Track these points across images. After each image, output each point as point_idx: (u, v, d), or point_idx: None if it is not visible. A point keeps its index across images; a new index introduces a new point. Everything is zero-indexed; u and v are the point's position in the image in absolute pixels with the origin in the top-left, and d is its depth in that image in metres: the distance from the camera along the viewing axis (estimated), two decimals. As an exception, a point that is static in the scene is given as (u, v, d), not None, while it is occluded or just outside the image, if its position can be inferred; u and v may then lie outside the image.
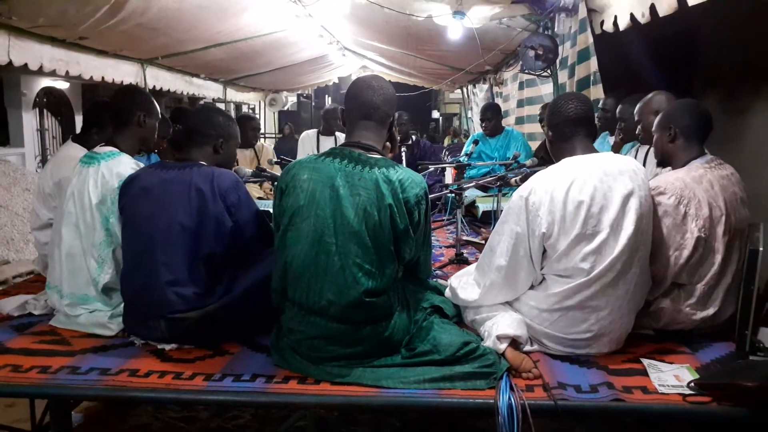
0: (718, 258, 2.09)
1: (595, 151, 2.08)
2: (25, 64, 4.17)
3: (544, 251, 1.98)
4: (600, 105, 3.67)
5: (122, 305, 2.21)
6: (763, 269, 1.91)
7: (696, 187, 2.11)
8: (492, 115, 5.18)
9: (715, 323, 2.14)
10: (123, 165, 2.33)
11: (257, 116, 9.66)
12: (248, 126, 4.92)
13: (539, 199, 1.93)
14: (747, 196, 2.21)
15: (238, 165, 4.34)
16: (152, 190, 2.15)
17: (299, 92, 13.12)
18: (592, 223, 1.90)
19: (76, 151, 2.92)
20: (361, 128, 1.98)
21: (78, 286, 2.28)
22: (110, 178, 2.29)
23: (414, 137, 5.81)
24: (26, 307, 2.45)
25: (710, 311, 2.10)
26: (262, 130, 13.36)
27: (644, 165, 2.80)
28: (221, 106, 9.11)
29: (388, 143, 2.06)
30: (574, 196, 1.91)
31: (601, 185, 1.92)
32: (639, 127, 2.77)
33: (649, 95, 2.75)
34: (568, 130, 2.08)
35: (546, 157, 2.52)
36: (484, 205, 4.32)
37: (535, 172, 2.14)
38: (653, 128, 2.35)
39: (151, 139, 2.57)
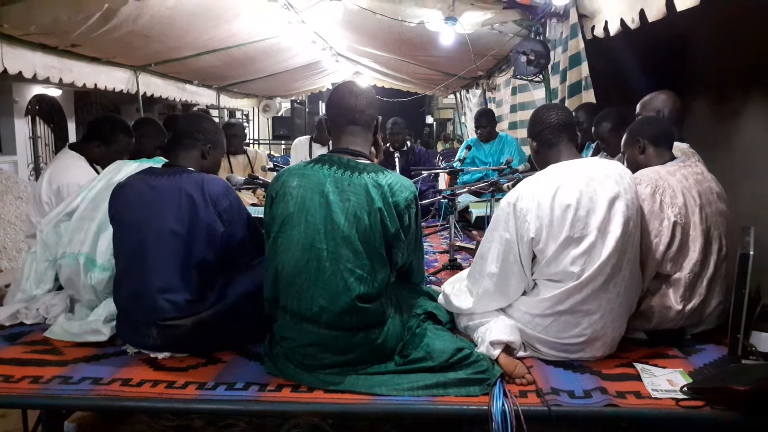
0: (698, 246, 2.15)
1: (579, 156, 2.12)
2: (20, 72, 4.16)
3: (534, 257, 1.99)
4: None
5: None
6: (754, 272, 1.92)
7: (670, 178, 2.20)
8: (487, 122, 5.19)
9: (702, 317, 2.17)
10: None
11: (241, 122, 9.61)
12: (229, 132, 4.89)
13: (526, 204, 1.95)
14: (723, 193, 2.28)
15: (231, 172, 4.34)
16: (141, 197, 2.14)
17: (293, 98, 13.10)
18: (580, 226, 1.92)
19: (74, 159, 2.93)
20: (348, 134, 1.99)
21: (94, 248, 2.34)
22: None
23: (409, 143, 5.78)
24: (18, 316, 2.44)
25: (696, 301, 2.14)
26: (255, 137, 13.36)
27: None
28: (215, 112, 9.13)
29: (372, 149, 2.06)
30: (560, 200, 1.93)
31: (587, 189, 1.95)
32: None
33: (652, 94, 2.78)
34: (551, 136, 2.12)
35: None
36: (477, 211, 4.33)
37: (527, 177, 2.16)
38: (622, 149, 2.45)
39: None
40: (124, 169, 2.51)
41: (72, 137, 9.15)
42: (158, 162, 2.51)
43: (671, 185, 2.17)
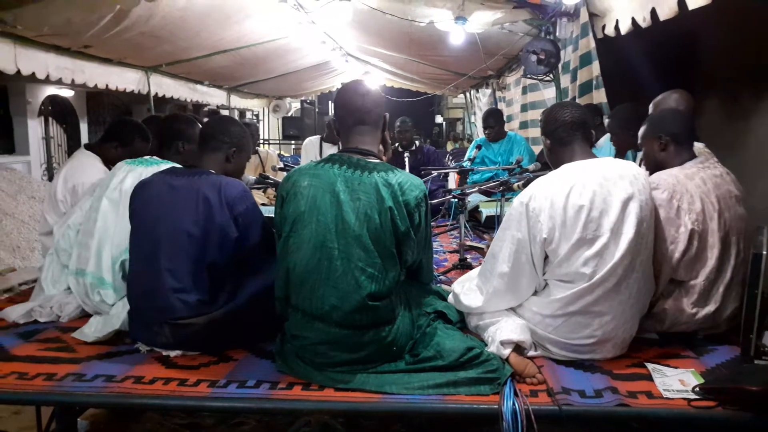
0: (715, 253, 2.11)
1: (593, 156, 2.09)
2: (33, 73, 4.21)
3: (546, 257, 1.98)
4: None
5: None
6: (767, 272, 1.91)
7: (688, 182, 2.14)
8: (494, 122, 5.18)
9: (716, 322, 2.14)
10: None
11: (256, 123, 9.69)
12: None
13: (539, 204, 1.94)
14: (743, 195, 2.23)
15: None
16: (161, 196, 2.16)
17: (303, 98, 13.15)
18: (593, 228, 1.91)
19: (90, 158, 2.97)
20: (357, 134, 2.00)
21: (100, 267, 2.36)
22: None
23: (417, 143, 5.79)
24: (32, 314, 2.46)
25: (711, 308, 2.11)
26: (265, 137, 13.42)
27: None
28: (225, 112, 9.17)
29: (381, 147, 2.07)
30: (574, 200, 1.92)
31: (600, 189, 1.93)
32: None
33: (665, 94, 2.75)
34: (566, 135, 2.10)
35: (549, 161, 2.55)
36: (487, 210, 4.32)
37: (537, 176, 2.14)
38: (640, 140, 2.37)
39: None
40: (119, 174, 2.50)
41: (84, 137, 9.23)
42: (148, 164, 2.50)
43: (689, 190, 2.12)
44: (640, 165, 2.95)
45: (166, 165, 2.42)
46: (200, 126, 2.60)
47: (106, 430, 2.78)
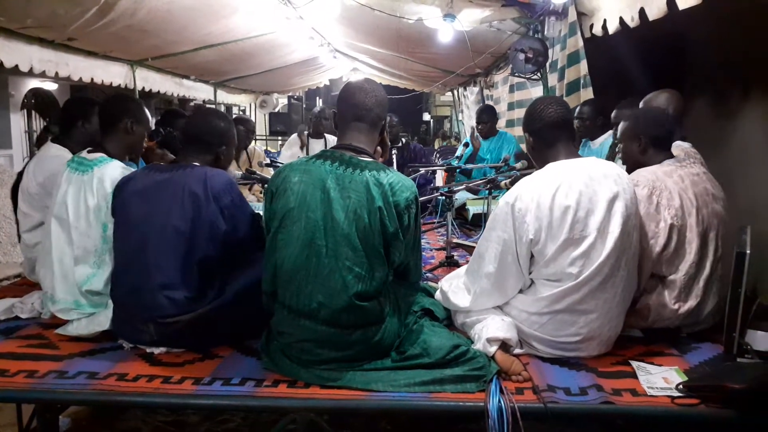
0: (694, 248, 2.15)
1: (577, 154, 2.09)
2: (16, 66, 4.14)
3: (532, 256, 1.98)
4: (576, 114, 3.70)
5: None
6: (750, 271, 1.93)
7: (666, 179, 2.18)
8: (488, 118, 5.22)
9: (699, 317, 2.17)
10: (115, 170, 2.32)
11: (250, 118, 9.68)
12: (248, 127, 4.93)
13: (525, 205, 1.94)
14: (720, 194, 2.27)
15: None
16: (146, 192, 2.13)
17: (290, 94, 13.09)
18: (579, 228, 1.91)
19: (57, 150, 2.88)
20: (353, 130, 1.99)
21: (71, 291, 2.27)
22: (105, 183, 2.28)
23: (404, 140, 5.82)
24: (13, 310, 2.43)
25: (692, 303, 2.14)
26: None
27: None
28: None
29: (378, 148, 2.05)
30: (560, 201, 1.91)
31: (586, 189, 1.93)
32: None
33: (654, 93, 2.75)
34: (550, 135, 2.08)
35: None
36: (474, 208, 4.32)
37: (525, 175, 2.14)
38: (619, 136, 2.39)
39: (139, 146, 2.58)
40: (62, 185, 2.37)
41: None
42: (83, 170, 2.34)
43: (668, 187, 2.16)
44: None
45: (105, 165, 2.33)
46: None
47: (88, 428, 2.75)
